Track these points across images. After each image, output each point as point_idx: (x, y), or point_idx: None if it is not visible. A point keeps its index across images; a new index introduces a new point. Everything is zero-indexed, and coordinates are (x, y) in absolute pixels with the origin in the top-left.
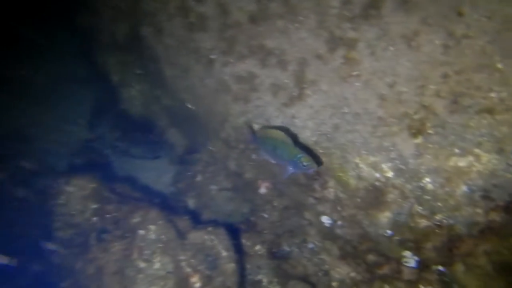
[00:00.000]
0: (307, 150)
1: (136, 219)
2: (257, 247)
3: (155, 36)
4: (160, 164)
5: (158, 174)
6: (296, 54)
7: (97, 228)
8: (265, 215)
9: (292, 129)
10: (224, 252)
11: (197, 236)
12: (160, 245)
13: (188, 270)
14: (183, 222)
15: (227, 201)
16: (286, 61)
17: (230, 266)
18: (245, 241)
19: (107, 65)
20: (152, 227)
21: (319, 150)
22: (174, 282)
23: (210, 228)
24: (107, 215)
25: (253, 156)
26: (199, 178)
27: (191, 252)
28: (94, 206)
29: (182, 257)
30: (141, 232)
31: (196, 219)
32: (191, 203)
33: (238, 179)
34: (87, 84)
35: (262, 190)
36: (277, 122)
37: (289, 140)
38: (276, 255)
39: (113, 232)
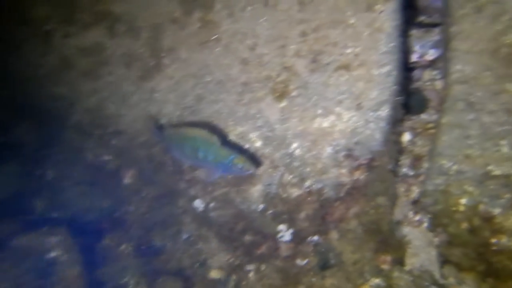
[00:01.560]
0: (238, 148)
1: None
2: (123, 247)
3: None
4: (8, 169)
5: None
6: (149, 19)
7: None
8: (132, 208)
9: (153, 105)
10: (65, 255)
11: (24, 240)
12: None
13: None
14: (10, 226)
15: (83, 197)
16: (138, 28)
17: (72, 271)
18: (108, 242)
19: None
20: None
21: None
22: None
23: (45, 229)
24: None
25: (113, 142)
26: (50, 175)
27: (11, 261)
28: None
29: None
30: None
31: (41, 222)
32: (39, 205)
33: (97, 170)
34: None
35: (127, 180)
36: (135, 98)
37: (215, 139)
38: (145, 252)
39: None
